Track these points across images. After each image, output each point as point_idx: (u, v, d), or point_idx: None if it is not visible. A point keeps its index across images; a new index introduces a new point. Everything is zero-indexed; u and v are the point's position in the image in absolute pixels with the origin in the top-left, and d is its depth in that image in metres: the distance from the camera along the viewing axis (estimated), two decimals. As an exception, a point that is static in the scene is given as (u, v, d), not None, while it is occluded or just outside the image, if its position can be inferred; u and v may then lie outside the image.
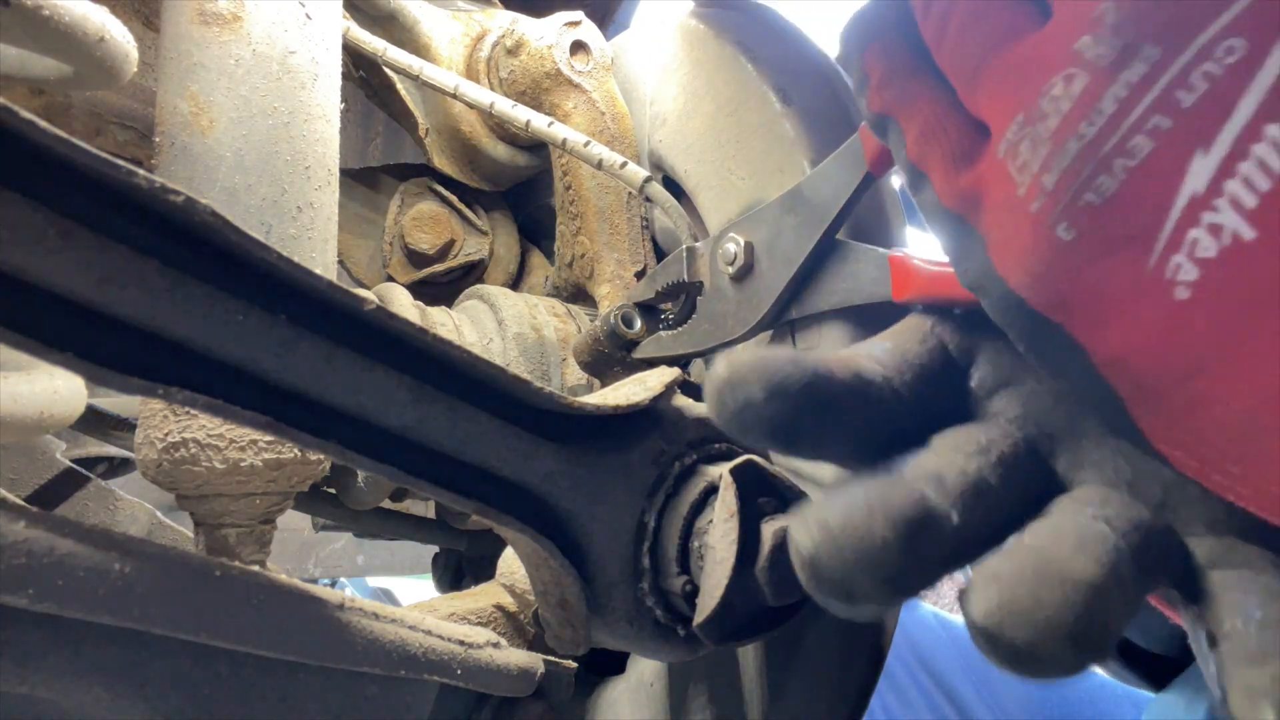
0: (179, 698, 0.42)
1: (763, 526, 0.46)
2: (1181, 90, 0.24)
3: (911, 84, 0.34)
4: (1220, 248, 0.24)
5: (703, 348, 0.63)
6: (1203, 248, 0.24)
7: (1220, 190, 0.24)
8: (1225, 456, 0.24)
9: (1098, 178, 0.26)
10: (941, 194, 0.32)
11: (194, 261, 0.32)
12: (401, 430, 0.38)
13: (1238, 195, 0.24)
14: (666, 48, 0.80)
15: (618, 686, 0.76)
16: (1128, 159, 0.26)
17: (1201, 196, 0.24)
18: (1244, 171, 0.23)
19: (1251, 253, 0.24)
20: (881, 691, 1.56)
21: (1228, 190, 0.24)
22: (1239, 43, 0.23)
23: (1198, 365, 0.24)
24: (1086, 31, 0.27)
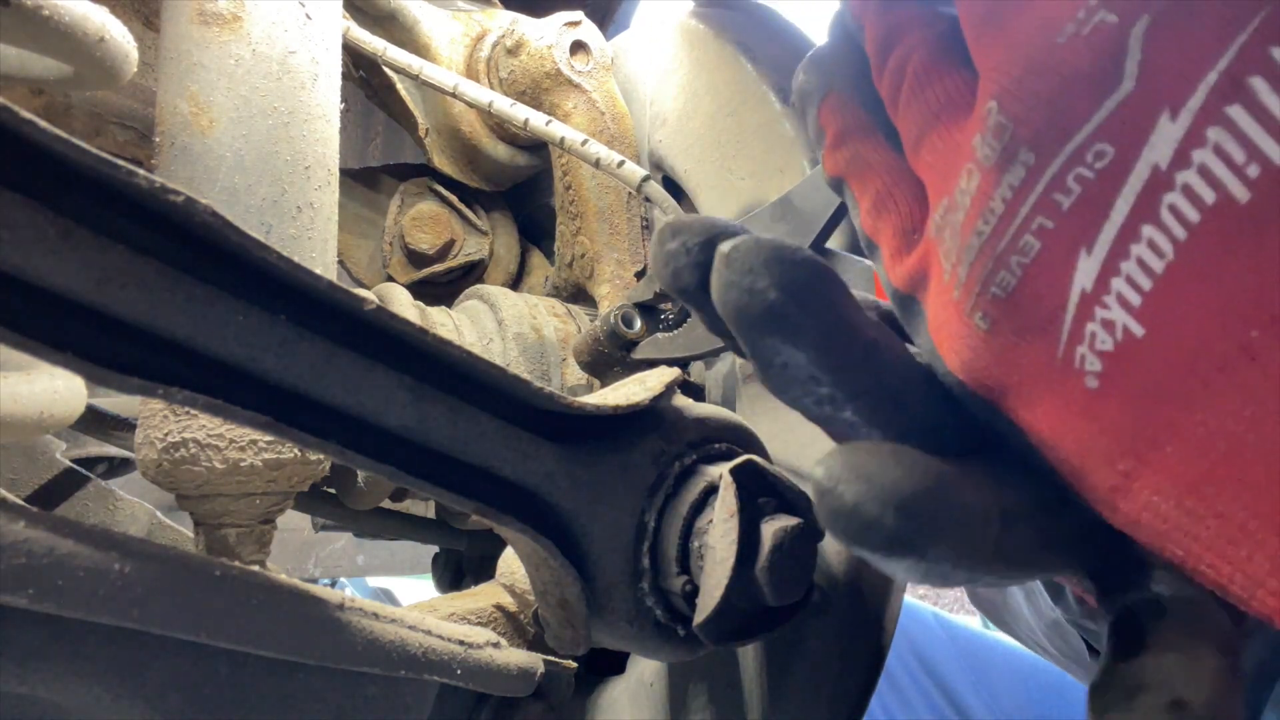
0: (179, 698, 0.42)
1: (763, 526, 0.46)
2: (1059, 193, 0.25)
3: (865, 147, 0.34)
4: (1115, 343, 0.24)
5: (698, 351, 0.63)
6: (1100, 341, 0.25)
7: (1108, 288, 0.24)
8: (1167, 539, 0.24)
9: (999, 273, 0.27)
10: (890, 272, 0.33)
11: (194, 261, 0.32)
12: (401, 430, 0.38)
13: (1123, 293, 0.24)
14: (666, 48, 0.80)
15: (618, 686, 0.76)
16: (1021, 256, 0.26)
17: (1091, 293, 0.25)
18: (1126, 270, 0.24)
19: (1144, 349, 0.24)
20: (881, 691, 1.56)
21: (1114, 288, 0.24)
22: (1107, 148, 0.24)
23: (1119, 451, 0.24)
24: (977, 129, 0.28)
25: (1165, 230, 0.23)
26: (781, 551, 0.45)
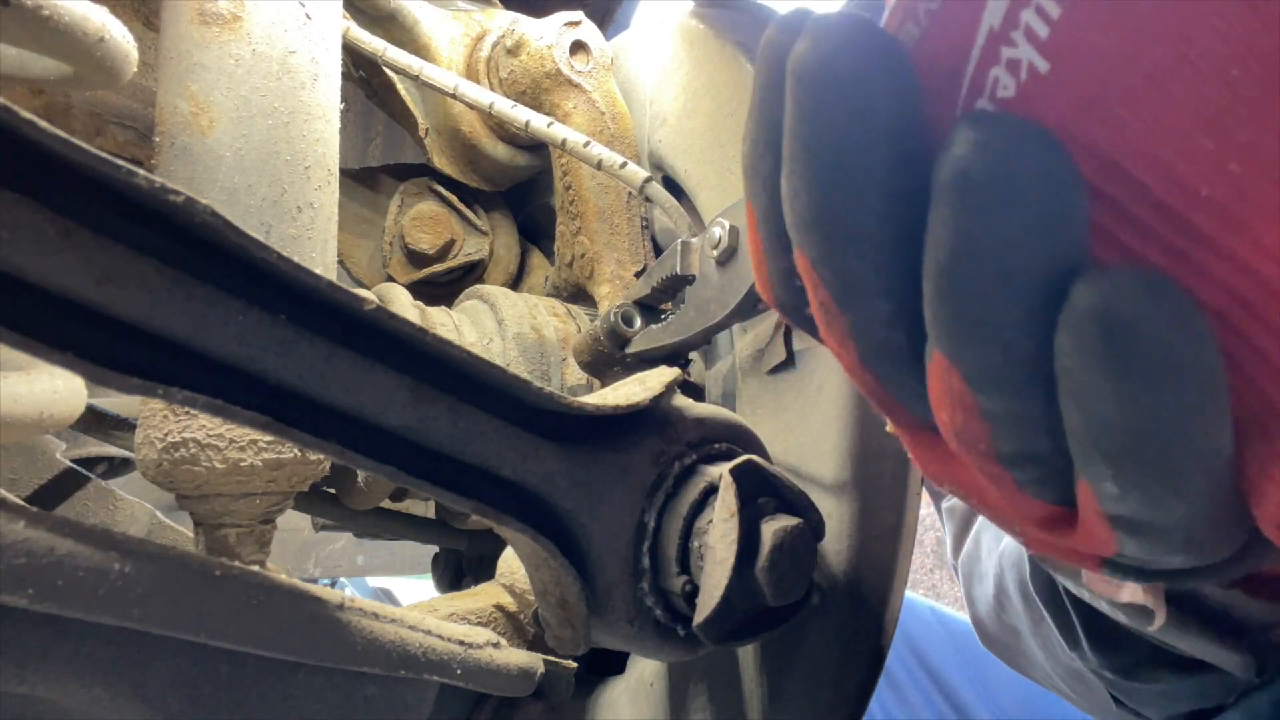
0: (179, 698, 0.42)
1: (763, 526, 0.46)
2: None
3: None
4: (1018, 85, 0.23)
5: (688, 334, 0.63)
6: (1003, 86, 0.23)
7: (1016, 22, 0.23)
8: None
9: (904, 26, 0.25)
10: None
11: (194, 261, 0.32)
12: (401, 430, 0.38)
13: (1031, 25, 0.22)
14: (666, 48, 0.80)
15: (618, 686, 0.76)
16: (929, 2, 0.25)
17: (999, 30, 0.23)
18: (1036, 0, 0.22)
19: (1045, 87, 0.22)
20: (879, 689, 1.56)
21: (1023, 20, 0.22)
22: None
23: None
24: None
25: None
26: (781, 551, 0.45)
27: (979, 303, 0.22)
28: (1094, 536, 0.25)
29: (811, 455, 0.61)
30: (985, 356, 0.23)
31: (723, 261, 0.59)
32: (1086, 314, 0.20)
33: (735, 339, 0.71)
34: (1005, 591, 0.85)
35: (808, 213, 0.25)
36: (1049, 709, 1.48)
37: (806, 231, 0.25)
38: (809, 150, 0.24)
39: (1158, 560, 0.25)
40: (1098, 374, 0.20)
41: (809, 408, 0.62)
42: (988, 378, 0.23)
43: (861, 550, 0.58)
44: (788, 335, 0.64)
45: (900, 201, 0.23)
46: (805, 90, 0.24)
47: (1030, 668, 0.93)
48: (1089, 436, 0.22)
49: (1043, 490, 0.25)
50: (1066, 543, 0.26)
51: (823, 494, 0.59)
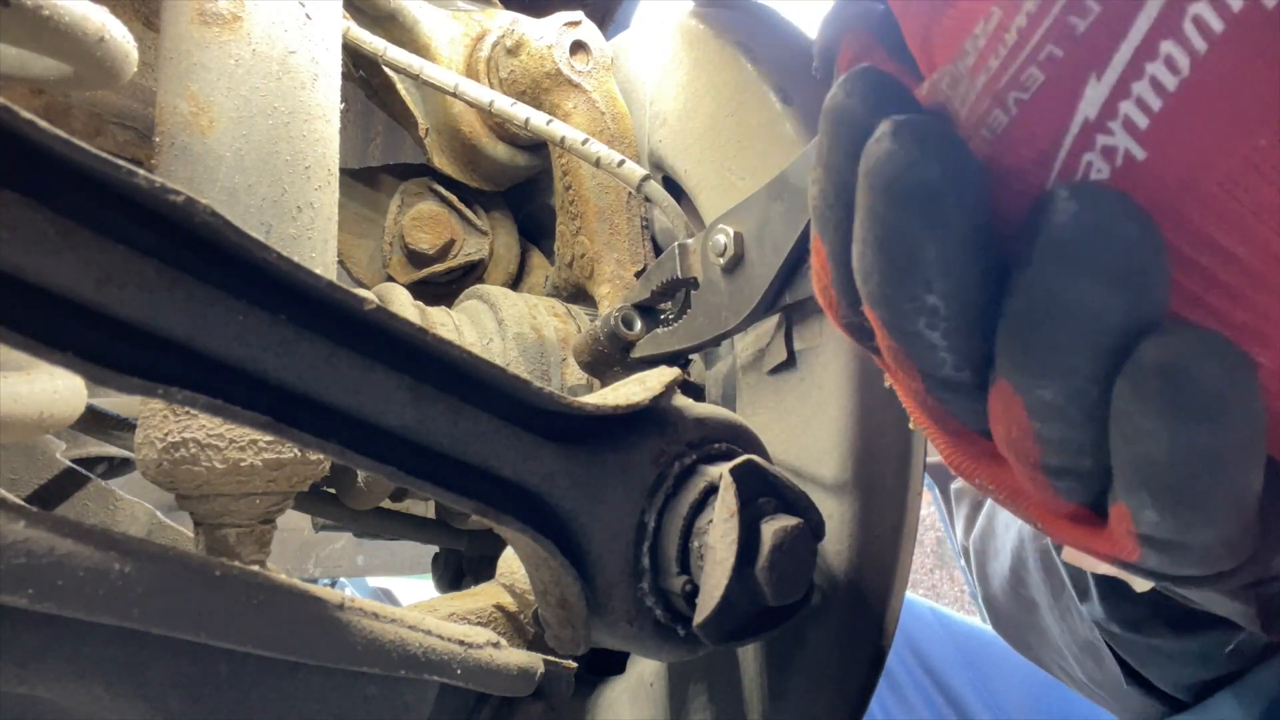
0: (179, 698, 0.42)
1: (763, 526, 0.46)
2: (1075, 16, 0.24)
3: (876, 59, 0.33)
4: (1112, 169, 0.24)
5: (698, 341, 0.63)
6: (1096, 170, 0.25)
7: (1114, 112, 0.24)
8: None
9: (992, 113, 0.26)
10: None
11: (194, 261, 0.32)
12: (401, 430, 0.38)
13: (1130, 116, 0.24)
14: (666, 48, 0.80)
15: (618, 686, 0.76)
16: (1021, 92, 0.26)
17: (1095, 121, 0.24)
18: (1137, 92, 0.23)
19: (1142, 171, 0.24)
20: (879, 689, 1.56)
21: (1121, 111, 0.24)
22: None
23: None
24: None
25: (1185, 43, 0.23)
26: (781, 551, 0.45)
27: (1051, 351, 0.24)
28: (1120, 546, 0.27)
29: (812, 455, 0.61)
30: (1049, 395, 0.25)
31: (729, 269, 0.59)
32: (1149, 365, 0.23)
33: (736, 339, 0.71)
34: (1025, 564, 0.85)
35: (879, 291, 0.27)
36: (1049, 709, 1.48)
37: (877, 305, 0.28)
38: (882, 243, 0.26)
39: (1173, 570, 0.27)
40: (1152, 417, 0.23)
41: (809, 408, 0.62)
42: (1048, 412, 0.25)
43: (862, 550, 0.58)
44: (788, 335, 0.64)
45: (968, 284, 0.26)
46: (879, 196, 0.26)
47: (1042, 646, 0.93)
48: (1135, 470, 0.24)
49: (1076, 496, 0.27)
50: (1089, 542, 0.28)
51: (823, 494, 0.59)
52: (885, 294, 0.27)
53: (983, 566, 0.96)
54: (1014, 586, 0.89)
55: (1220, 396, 0.22)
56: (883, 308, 0.28)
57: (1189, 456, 0.23)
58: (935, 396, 0.30)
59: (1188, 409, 0.22)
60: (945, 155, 0.25)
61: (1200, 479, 0.23)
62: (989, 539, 0.94)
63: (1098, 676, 0.82)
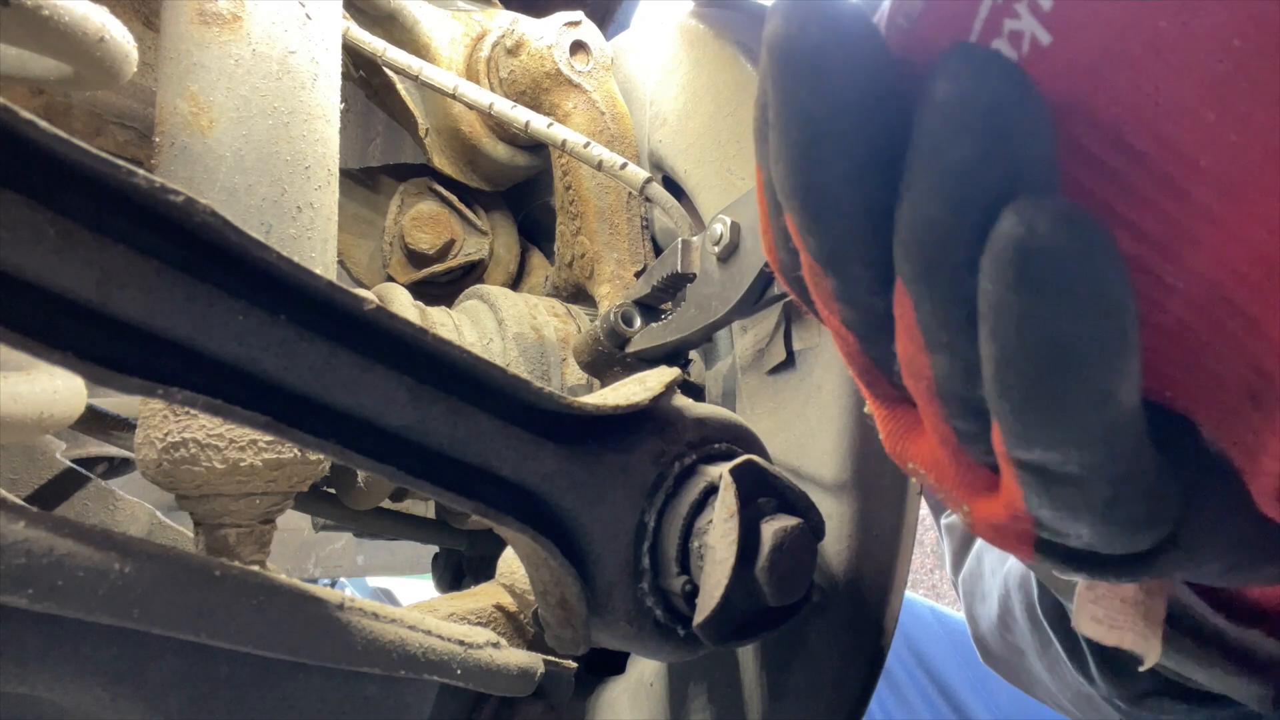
0: (179, 698, 0.42)
1: (763, 526, 0.46)
2: None
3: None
4: (1020, 56, 0.23)
5: (689, 332, 0.63)
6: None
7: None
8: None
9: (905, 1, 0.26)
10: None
11: (194, 261, 0.32)
12: (401, 430, 0.39)
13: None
14: (666, 48, 0.80)
15: (618, 686, 0.76)
16: None
17: (1002, 3, 0.23)
18: None
19: (1048, 58, 0.23)
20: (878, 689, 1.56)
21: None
22: None
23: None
24: None
25: None
26: (781, 551, 0.45)
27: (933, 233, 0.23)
28: (1011, 499, 0.25)
29: (811, 455, 0.61)
30: (932, 287, 0.23)
31: (724, 258, 0.59)
32: (1003, 234, 0.21)
33: (735, 339, 0.71)
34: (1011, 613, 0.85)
35: (788, 182, 0.26)
36: (1048, 710, 1.48)
37: (789, 199, 0.26)
38: (782, 123, 0.25)
39: (1073, 532, 0.25)
40: (1003, 295, 0.21)
41: (809, 408, 0.62)
42: (932, 309, 0.24)
43: (861, 550, 0.58)
44: (788, 335, 0.64)
45: (875, 169, 0.24)
46: (775, 67, 0.25)
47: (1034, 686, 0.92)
48: (992, 366, 0.22)
49: (980, 446, 0.26)
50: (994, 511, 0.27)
51: (823, 494, 0.59)
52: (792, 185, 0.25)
53: (971, 607, 0.96)
54: (1002, 633, 0.88)
55: (1075, 270, 0.20)
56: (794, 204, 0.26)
57: (1037, 347, 0.21)
58: (856, 334, 0.28)
59: (1036, 287, 0.20)
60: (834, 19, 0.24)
61: (1052, 370, 0.21)
62: (977, 580, 0.94)
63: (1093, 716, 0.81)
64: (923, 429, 0.29)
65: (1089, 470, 0.23)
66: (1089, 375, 0.21)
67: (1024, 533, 0.26)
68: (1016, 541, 0.27)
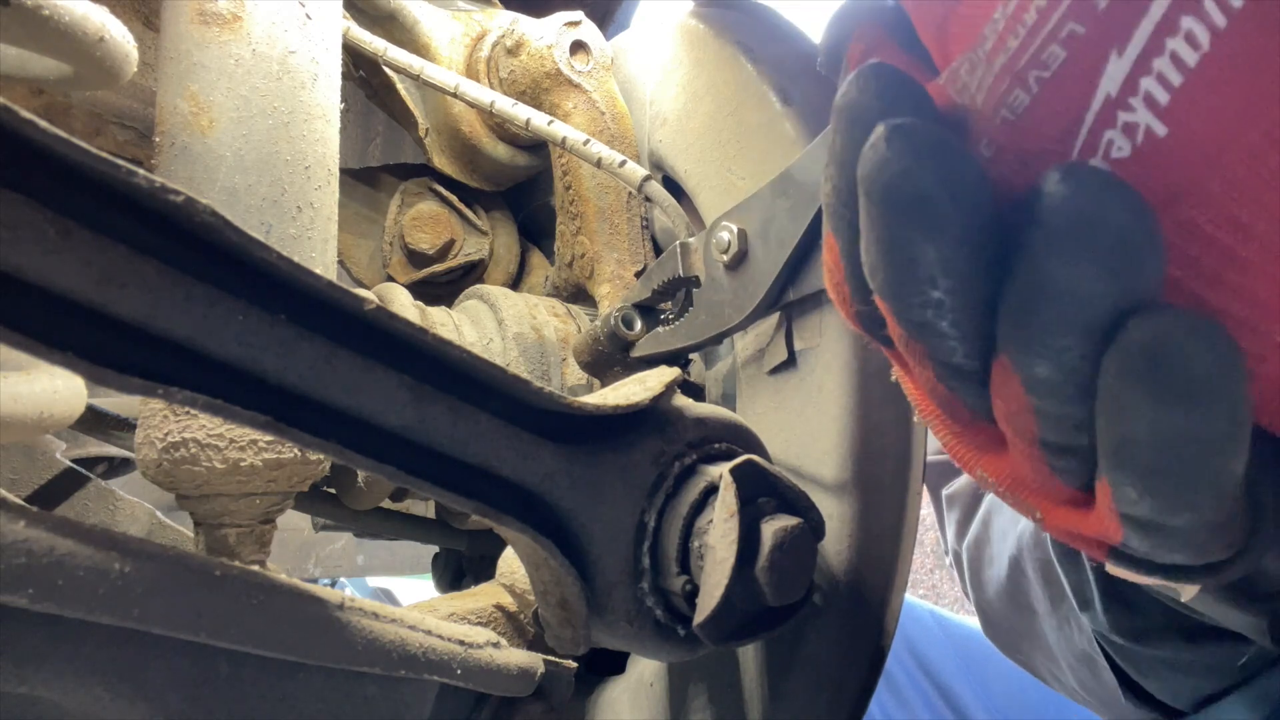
0: (179, 698, 0.42)
1: (763, 526, 0.46)
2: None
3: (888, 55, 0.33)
4: (1134, 147, 0.24)
5: (699, 339, 0.63)
6: (1117, 148, 0.25)
7: (1135, 89, 0.24)
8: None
9: (1012, 93, 0.26)
10: None
11: (194, 261, 0.32)
12: (401, 430, 0.38)
13: (1151, 92, 0.24)
14: (667, 48, 0.80)
15: (618, 686, 0.76)
16: (1041, 70, 0.26)
17: (1116, 97, 0.24)
18: (1158, 67, 0.24)
19: (1163, 148, 0.24)
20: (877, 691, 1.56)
21: (1142, 88, 0.24)
22: None
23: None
24: None
25: (1205, 18, 0.23)
26: (781, 551, 0.45)
27: (1044, 329, 0.25)
28: (1104, 526, 0.27)
29: (812, 455, 0.61)
30: (1044, 371, 0.26)
31: (733, 266, 0.59)
32: (1135, 344, 0.23)
33: (736, 339, 0.71)
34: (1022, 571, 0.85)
35: (886, 287, 0.28)
36: (1046, 711, 1.48)
37: (885, 297, 0.29)
38: (884, 246, 0.27)
39: (1159, 556, 0.27)
40: (1134, 394, 0.23)
41: (809, 408, 0.62)
42: (1043, 387, 0.26)
43: (862, 550, 0.58)
44: (789, 335, 0.64)
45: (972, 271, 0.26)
46: (876, 203, 0.26)
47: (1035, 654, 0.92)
48: (1116, 446, 0.24)
49: (1071, 476, 0.28)
50: (1080, 527, 0.28)
51: (823, 494, 0.59)
52: (892, 290, 0.28)
53: (977, 573, 0.96)
54: (1010, 594, 0.89)
55: (1203, 380, 0.22)
56: (891, 301, 0.28)
57: (1168, 438, 0.23)
58: (945, 384, 0.30)
59: (1170, 390, 0.22)
60: (940, 161, 0.25)
61: (1178, 461, 0.23)
62: (984, 546, 0.94)
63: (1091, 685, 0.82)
64: (997, 448, 0.31)
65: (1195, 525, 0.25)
66: (1208, 464, 0.23)
67: (1105, 546, 0.28)
68: (1093, 548, 0.29)
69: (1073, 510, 0.29)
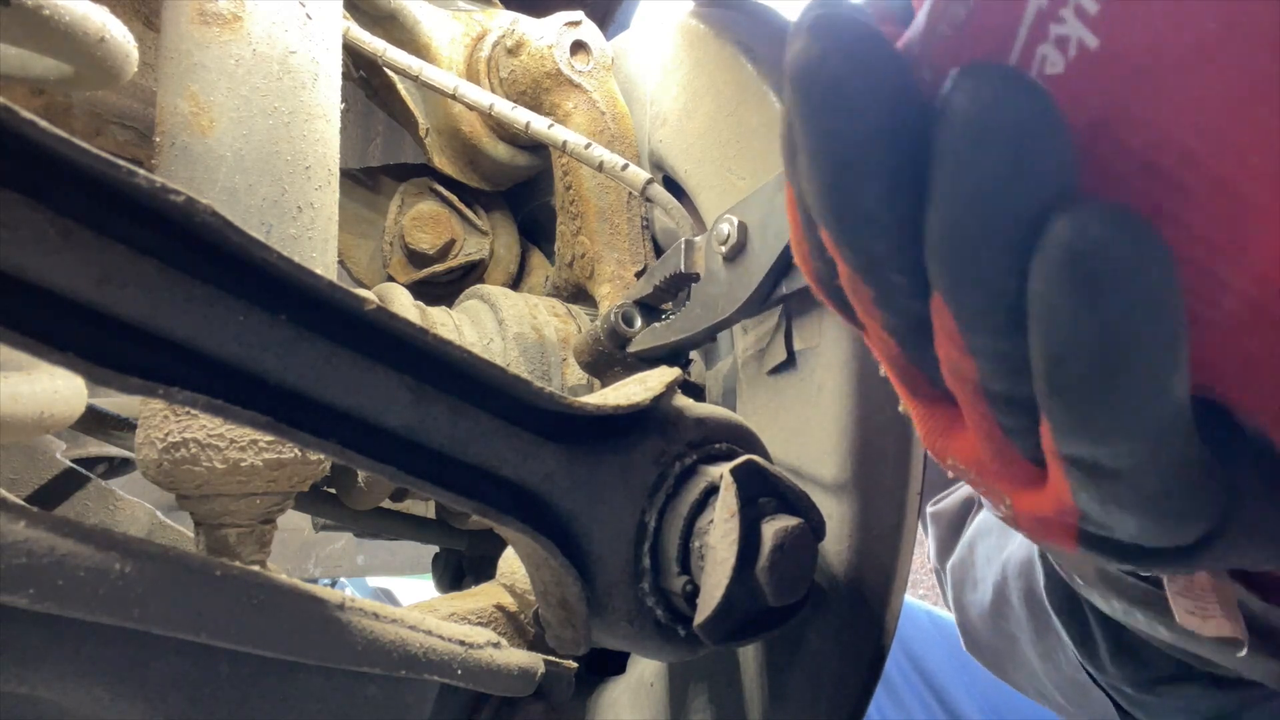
0: (179, 698, 0.42)
1: (763, 526, 0.46)
2: None
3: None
4: (1066, 61, 0.24)
5: (694, 331, 0.63)
6: (1050, 63, 0.24)
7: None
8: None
9: (949, 8, 0.26)
10: None
11: (194, 261, 0.32)
12: (401, 430, 0.38)
13: (1081, 3, 0.23)
14: (667, 48, 0.80)
15: (618, 686, 0.76)
16: None
17: (1047, 8, 0.24)
18: None
19: (1095, 61, 0.23)
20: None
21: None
22: None
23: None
24: None
25: None
26: (782, 551, 0.45)
27: (964, 245, 0.23)
28: (1058, 495, 0.26)
29: (812, 455, 0.61)
30: (971, 296, 0.24)
31: (730, 258, 0.59)
32: (1056, 239, 0.21)
33: (736, 339, 0.71)
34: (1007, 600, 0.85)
35: (821, 202, 0.27)
36: (1044, 711, 1.48)
37: (823, 217, 0.27)
38: (811, 149, 0.26)
39: (1120, 525, 0.26)
40: (1058, 296, 0.22)
41: (809, 408, 0.62)
42: (973, 316, 0.25)
43: (862, 550, 0.58)
44: (788, 335, 0.64)
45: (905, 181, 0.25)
46: (799, 96, 0.25)
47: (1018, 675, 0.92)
48: (1044, 365, 0.23)
49: (1022, 438, 0.26)
50: (1042, 507, 0.27)
51: (823, 494, 0.59)
52: (825, 205, 0.26)
53: (960, 595, 0.96)
54: (994, 619, 0.89)
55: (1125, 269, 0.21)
56: (827, 216, 0.27)
57: (1092, 345, 0.21)
58: (895, 337, 0.29)
59: (1091, 286, 0.21)
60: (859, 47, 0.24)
61: (1103, 367, 0.22)
62: (968, 569, 0.94)
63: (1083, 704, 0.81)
64: (962, 426, 0.29)
65: (1139, 464, 0.23)
66: (1142, 371, 0.22)
67: (1069, 526, 0.27)
68: (1060, 534, 0.27)
69: (1037, 492, 0.27)
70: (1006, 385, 0.25)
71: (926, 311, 0.27)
